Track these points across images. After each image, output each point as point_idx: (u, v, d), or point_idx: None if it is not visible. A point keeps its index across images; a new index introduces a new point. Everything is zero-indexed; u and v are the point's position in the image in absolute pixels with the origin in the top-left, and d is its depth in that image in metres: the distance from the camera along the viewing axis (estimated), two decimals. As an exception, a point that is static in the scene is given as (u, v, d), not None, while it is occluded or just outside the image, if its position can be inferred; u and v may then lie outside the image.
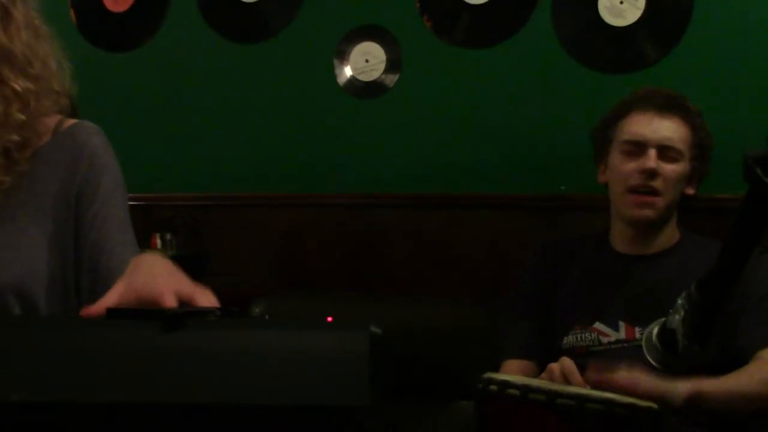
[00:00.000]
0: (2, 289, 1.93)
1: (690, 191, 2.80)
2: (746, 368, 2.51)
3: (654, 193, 2.71)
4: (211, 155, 3.94)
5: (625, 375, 2.27)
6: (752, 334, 2.56)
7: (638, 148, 2.74)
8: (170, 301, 1.45)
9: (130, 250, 2.00)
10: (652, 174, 2.69)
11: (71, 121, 2.07)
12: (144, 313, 1.31)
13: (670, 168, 2.71)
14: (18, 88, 1.93)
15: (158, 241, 3.75)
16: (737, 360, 2.55)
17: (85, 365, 1.27)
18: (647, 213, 2.73)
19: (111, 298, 1.52)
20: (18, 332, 1.34)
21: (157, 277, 1.54)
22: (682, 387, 2.31)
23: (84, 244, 1.99)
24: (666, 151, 2.72)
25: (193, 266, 3.70)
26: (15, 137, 1.93)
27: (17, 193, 1.96)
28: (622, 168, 2.76)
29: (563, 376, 2.41)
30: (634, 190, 2.73)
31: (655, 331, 1.45)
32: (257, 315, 3.39)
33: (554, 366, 2.43)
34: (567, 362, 2.42)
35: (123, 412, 1.27)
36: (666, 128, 2.74)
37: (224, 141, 3.93)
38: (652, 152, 2.71)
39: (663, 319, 1.44)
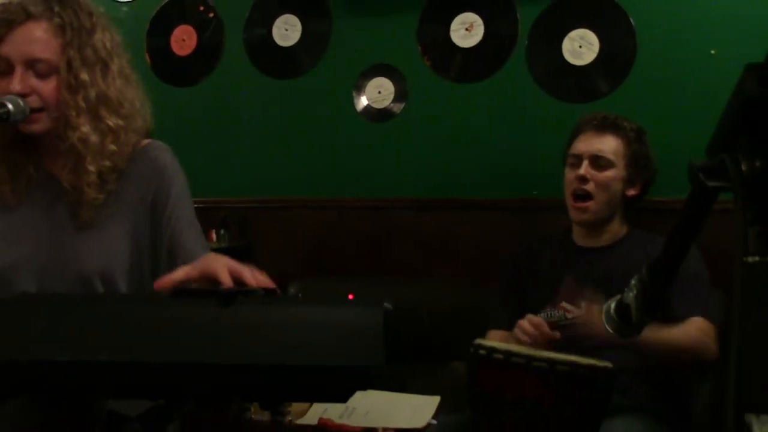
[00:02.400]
0: (90, 274, 1.95)
1: (631, 192, 2.80)
2: (677, 326, 2.53)
3: (587, 196, 2.74)
4: (256, 167, 3.93)
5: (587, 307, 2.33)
6: (683, 305, 2.55)
7: (577, 160, 2.80)
8: (225, 275, 1.48)
9: (200, 243, 2.03)
10: (584, 179, 2.74)
11: (146, 141, 2.08)
12: (203, 292, 1.31)
13: (601, 174, 2.75)
14: (111, 124, 1.95)
15: (214, 236, 3.73)
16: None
17: (156, 333, 1.26)
18: (584, 216, 2.78)
19: (179, 273, 1.54)
20: (105, 306, 1.33)
21: (214, 260, 1.55)
22: None
23: (162, 240, 2.01)
24: (597, 161, 2.75)
25: (241, 256, 3.70)
26: (107, 163, 1.96)
27: (106, 207, 1.98)
28: (567, 177, 2.82)
29: (533, 327, 2.52)
30: (573, 194, 2.78)
31: (613, 305, 1.44)
32: (293, 294, 3.38)
33: (522, 323, 2.56)
34: (535, 319, 2.54)
35: (187, 372, 1.25)
36: (598, 142, 2.77)
37: (266, 156, 3.92)
38: (585, 162, 2.76)
39: (619, 296, 1.43)
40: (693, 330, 2.53)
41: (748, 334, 0.86)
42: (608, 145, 2.76)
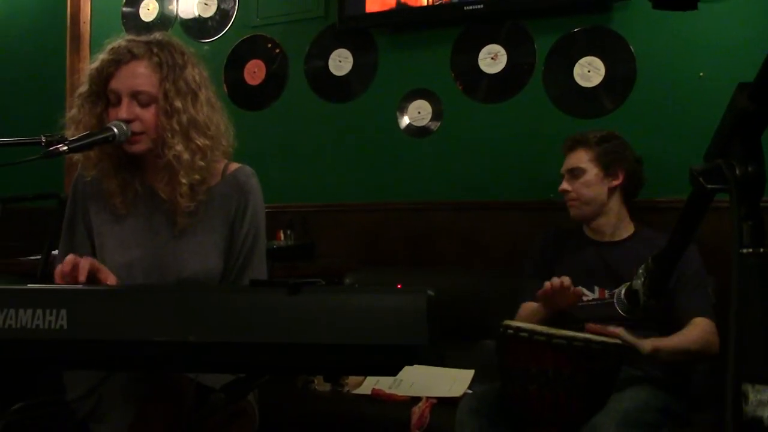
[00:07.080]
0: (186, 277, 1.97)
1: (614, 183, 2.78)
2: (685, 331, 2.51)
3: (572, 199, 2.78)
4: (316, 177, 3.94)
5: (613, 329, 2.35)
6: (687, 304, 2.55)
7: (562, 177, 2.83)
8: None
9: (252, 272, 2.04)
10: (566, 191, 2.79)
11: (235, 166, 2.09)
12: (275, 282, 1.30)
13: (578, 182, 2.77)
14: (200, 144, 1.97)
15: (281, 236, 3.74)
16: (677, 320, 2.54)
17: (236, 317, 1.26)
18: (573, 212, 2.81)
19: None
20: (194, 295, 1.34)
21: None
22: (647, 343, 2.38)
23: (235, 261, 2.02)
24: (573, 172, 2.79)
25: (305, 252, 3.72)
26: (197, 177, 1.98)
27: (197, 216, 2.00)
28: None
29: (561, 284, 2.48)
30: (567, 201, 2.81)
31: (623, 291, 1.42)
32: (349, 283, 3.38)
33: (555, 280, 2.49)
34: (566, 278, 2.49)
35: (262, 350, 1.25)
36: (570, 159, 2.82)
37: (324, 167, 3.92)
38: (565, 177, 2.82)
39: (628, 283, 1.40)
40: (698, 332, 2.51)
41: (744, 313, 0.84)
42: (577, 158, 2.79)
